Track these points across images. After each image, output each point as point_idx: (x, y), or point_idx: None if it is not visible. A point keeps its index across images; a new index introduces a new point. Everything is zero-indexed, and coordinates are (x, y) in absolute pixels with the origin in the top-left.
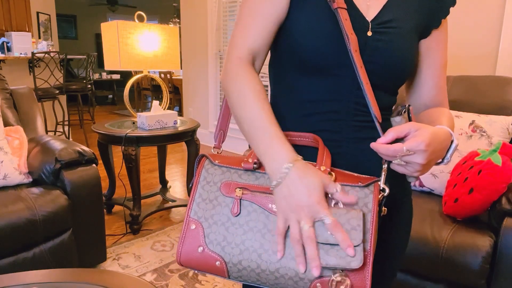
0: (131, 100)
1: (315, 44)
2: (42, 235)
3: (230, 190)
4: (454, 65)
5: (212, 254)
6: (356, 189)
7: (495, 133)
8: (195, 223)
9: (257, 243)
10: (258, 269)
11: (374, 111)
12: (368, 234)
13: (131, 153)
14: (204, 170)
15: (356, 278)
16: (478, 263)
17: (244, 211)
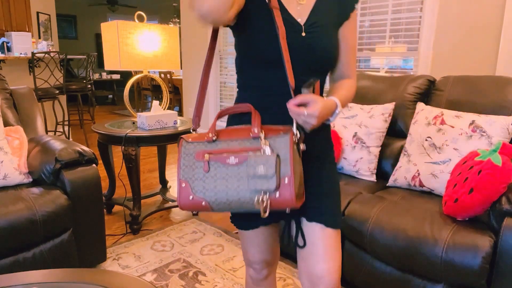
0: (131, 100)
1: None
2: (42, 235)
3: (201, 156)
4: (454, 65)
5: (198, 199)
6: (279, 137)
7: (495, 133)
8: (184, 182)
9: (223, 186)
10: (227, 201)
11: (290, 80)
12: (288, 164)
13: (131, 153)
14: (182, 147)
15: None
16: (478, 263)
17: (212, 168)
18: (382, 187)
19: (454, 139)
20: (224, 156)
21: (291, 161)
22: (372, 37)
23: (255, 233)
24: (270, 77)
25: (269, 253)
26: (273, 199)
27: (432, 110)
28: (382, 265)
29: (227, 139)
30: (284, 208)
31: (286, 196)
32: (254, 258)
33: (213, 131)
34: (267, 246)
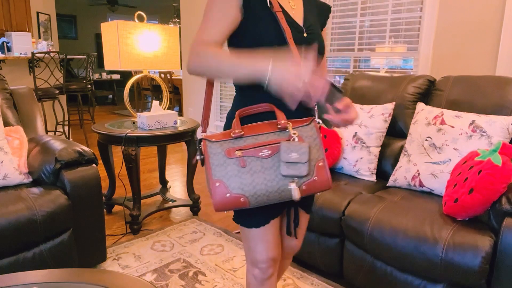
0: (131, 100)
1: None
2: (42, 235)
3: (232, 153)
4: (454, 65)
5: (236, 195)
6: (305, 127)
7: (495, 133)
8: (218, 181)
9: (261, 179)
10: (267, 193)
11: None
12: (318, 149)
13: (131, 153)
14: (208, 147)
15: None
16: (478, 263)
17: (246, 163)
18: (382, 187)
19: (454, 139)
20: (256, 150)
21: (322, 147)
22: (372, 37)
23: (265, 229)
24: None
25: (276, 250)
26: (311, 182)
27: (432, 110)
28: (382, 265)
29: (253, 134)
30: (320, 190)
31: (323, 178)
32: (262, 256)
33: (239, 127)
34: (275, 242)
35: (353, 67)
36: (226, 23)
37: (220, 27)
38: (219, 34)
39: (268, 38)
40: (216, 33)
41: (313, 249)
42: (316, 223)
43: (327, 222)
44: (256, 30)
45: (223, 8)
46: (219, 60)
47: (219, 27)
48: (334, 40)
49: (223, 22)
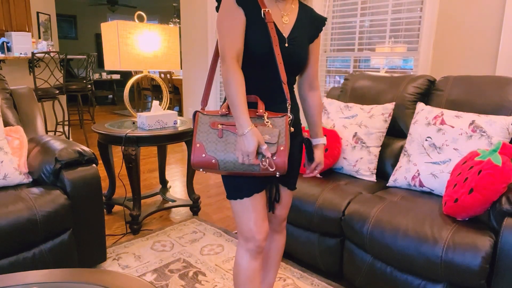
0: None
1: (261, 52)
2: (42, 235)
3: (215, 125)
4: (454, 65)
5: (210, 157)
6: (277, 118)
7: (495, 133)
8: (198, 143)
9: (232, 149)
10: (233, 161)
11: (282, 78)
12: (283, 137)
13: (131, 153)
14: (199, 117)
15: (280, 157)
16: (478, 263)
17: (224, 134)
18: (382, 187)
19: (454, 139)
20: (234, 126)
21: (287, 135)
22: (372, 37)
23: (254, 200)
24: (263, 75)
25: (266, 220)
26: (270, 162)
27: (432, 110)
28: (382, 265)
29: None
30: (275, 172)
31: (280, 160)
32: (257, 225)
33: (226, 107)
34: (264, 212)
35: (353, 67)
36: (239, 34)
37: (236, 41)
38: (238, 46)
39: (260, 42)
40: (236, 46)
41: (313, 249)
42: (316, 223)
43: (327, 222)
44: (252, 35)
45: (234, 23)
46: (230, 92)
47: (236, 40)
48: (334, 40)
49: (237, 36)
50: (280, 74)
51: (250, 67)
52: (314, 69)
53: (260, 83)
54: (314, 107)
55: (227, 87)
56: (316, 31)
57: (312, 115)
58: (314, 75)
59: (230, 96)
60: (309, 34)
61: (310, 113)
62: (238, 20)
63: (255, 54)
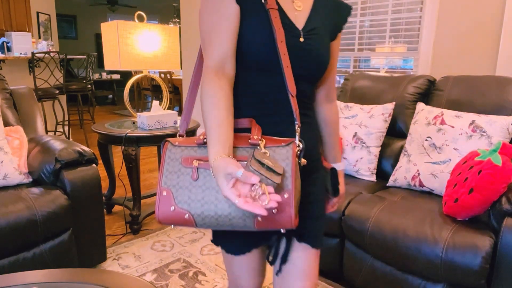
0: (131, 100)
1: (259, 50)
2: (42, 235)
3: (189, 162)
4: (454, 65)
5: (181, 210)
6: (280, 148)
7: (495, 133)
8: (166, 190)
9: (213, 197)
10: (216, 215)
11: (289, 87)
12: (289, 177)
13: (131, 153)
14: (167, 150)
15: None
16: (478, 263)
17: (201, 176)
18: (382, 187)
19: (454, 139)
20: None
21: (293, 174)
22: (372, 37)
23: (248, 257)
24: (264, 84)
25: (261, 275)
26: (270, 216)
27: (432, 110)
28: (382, 265)
29: None
30: (280, 228)
31: (285, 213)
32: (246, 283)
33: (205, 134)
34: (260, 269)
35: (353, 67)
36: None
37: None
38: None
39: (257, 40)
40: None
41: None
42: None
43: (327, 222)
44: (246, 28)
45: (219, 15)
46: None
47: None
48: None
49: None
50: (286, 83)
51: (245, 75)
52: (334, 75)
53: (259, 98)
54: (331, 124)
55: (201, 105)
56: (340, 22)
57: (329, 134)
58: (333, 82)
59: (203, 117)
60: (331, 25)
61: (326, 131)
62: (225, 11)
63: (251, 55)
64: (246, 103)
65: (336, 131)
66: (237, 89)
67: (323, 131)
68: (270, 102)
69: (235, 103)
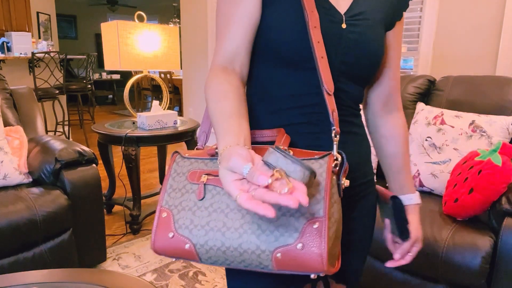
0: (131, 100)
1: (287, 38)
2: (42, 235)
3: (196, 177)
4: (454, 65)
5: (181, 238)
6: (312, 161)
7: (495, 133)
8: (166, 211)
9: (220, 223)
10: (223, 247)
11: (325, 83)
12: (322, 202)
13: (131, 153)
14: (175, 163)
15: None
16: (478, 263)
17: (208, 195)
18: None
19: (454, 139)
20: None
21: (327, 197)
22: None
23: None
24: (295, 82)
25: None
26: (291, 252)
27: (432, 110)
28: (382, 265)
29: None
30: (307, 272)
31: (312, 251)
32: None
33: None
34: None
35: None
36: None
37: (234, 34)
38: (236, 42)
39: (283, 26)
40: (232, 44)
41: None
42: None
43: None
44: (271, 17)
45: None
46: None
47: (234, 33)
48: None
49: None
50: (320, 78)
51: (270, 73)
52: (394, 75)
53: (288, 102)
54: (393, 140)
55: (207, 105)
56: (399, 7)
57: (392, 154)
58: (394, 85)
59: (210, 115)
60: (385, 10)
61: (387, 150)
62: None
63: (276, 45)
64: (269, 111)
65: (403, 150)
66: (257, 93)
67: (383, 150)
68: (304, 107)
69: (254, 112)
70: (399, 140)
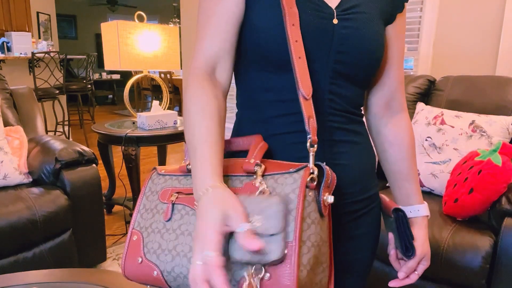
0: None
1: (267, 39)
2: (42, 235)
3: (168, 196)
4: (454, 65)
5: (149, 264)
6: (285, 175)
7: (495, 133)
8: (136, 233)
9: (187, 247)
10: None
11: (301, 85)
12: (293, 223)
13: (131, 153)
14: (150, 181)
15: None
16: (478, 263)
17: (177, 215)
18: (382, 187)
19: (454, 139)
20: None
21: (298, 218)
22: None
23: None
24: (279, 87)
25: None
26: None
27: (432, 110)
28: (382, 265)
29: None
30: None
31: (281, 282)
32: None
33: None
34: None
35: None
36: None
37: (215, 35)
38: (216, 44)
39: (263, 25)
40: (212, 46)
41: None
42: None
43: None
44: (253, 16)
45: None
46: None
47: (214, 34)
48: None
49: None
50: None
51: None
52: (397, 73)
53: (274, 105)
54: (397, 144)
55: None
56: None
57: (399, 160)
58: (397, 85)
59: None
60: (382, 3)
61: (393, 157)
62: None
63: (255, 46)
64: (255, 119)
65: (408, 155)
66: (243, 98)
67: (387, 155)
68: (291, 115)
69: (241, 122)
70: (404, 144)
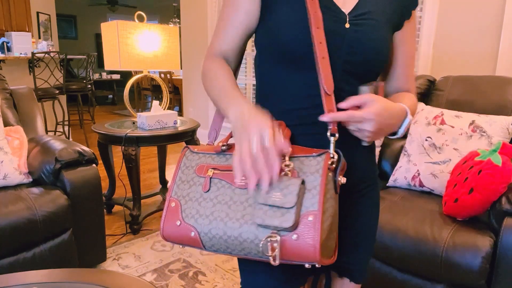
0: (131, 100)
1: (291, 38)
2: (42, 235)
3: (204, 171)
4: (454, 65)
5: (187, 226)
6: (310, 158)
7: (495, 133)
8: (174, 201)
9: (223, 213)
10: (224, 235)
11: (324, 83)
12: (317, 196)
13: (131, 153)
14: (184, 157)
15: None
16: (478, 263)
17: (214, 187)
18: (382, 187)
19: (454, 139)
20: (232, 174)
21: (321, 192)
22: None
23: None
24: (298, 82)
25: None
26: (287, 243)
27: (432, 110)
28: (382, 265)
29: None
30: (302, 262)
31: (306, 242)
32: None
33: (226, 141)
34: None
35: None
36: (237, 21)
37: (228, 30)
38: (228, 40)
39: (287, 27)
40: (226, 39)
41: None
42: None
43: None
44: (277, 16)
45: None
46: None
47: (230, 30)
48: None
49: (232, 24)
50: (320, 77)
51: (273, 70)
52: (404, 76)
53: (292, 99)
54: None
55: (204, 82)
56: (407, 5)
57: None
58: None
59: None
60: (392, 10)
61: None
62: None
63: (281, 44)
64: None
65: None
66: (262, 91)
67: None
68: (308, 108)
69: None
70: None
